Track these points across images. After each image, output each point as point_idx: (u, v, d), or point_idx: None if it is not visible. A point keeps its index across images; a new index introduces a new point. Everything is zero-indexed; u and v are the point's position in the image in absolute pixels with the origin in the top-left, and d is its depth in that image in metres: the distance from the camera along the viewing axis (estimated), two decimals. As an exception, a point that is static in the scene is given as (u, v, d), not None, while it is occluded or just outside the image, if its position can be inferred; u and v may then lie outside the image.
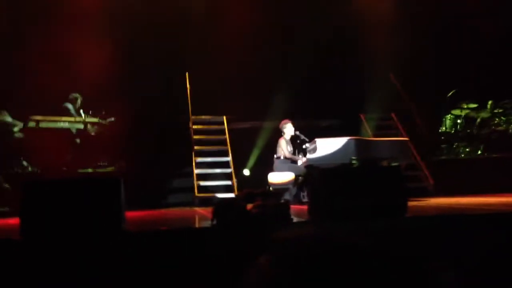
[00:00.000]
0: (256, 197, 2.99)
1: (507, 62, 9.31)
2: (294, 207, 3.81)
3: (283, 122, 7.68)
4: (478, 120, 9.39)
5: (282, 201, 3.67)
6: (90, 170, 8.68)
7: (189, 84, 9.21)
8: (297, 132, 7.50)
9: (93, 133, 9.10)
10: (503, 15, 9.83)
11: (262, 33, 9.20)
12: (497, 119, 9.31)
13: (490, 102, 9.41)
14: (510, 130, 9.22)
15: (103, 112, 9.03)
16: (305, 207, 4.95)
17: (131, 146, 8.53)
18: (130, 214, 4.21)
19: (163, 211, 7.36)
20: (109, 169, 8.78)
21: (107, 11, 8.99)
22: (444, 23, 9.91)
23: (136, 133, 8.65)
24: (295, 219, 3.44)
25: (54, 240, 3.34)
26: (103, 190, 3.88)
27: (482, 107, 9.46)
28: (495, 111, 9.36)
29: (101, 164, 8.87)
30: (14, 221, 4.01)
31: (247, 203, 2.86)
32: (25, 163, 8.36)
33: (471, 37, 9.69)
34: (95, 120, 9.08)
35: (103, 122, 9.11)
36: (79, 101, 9.06)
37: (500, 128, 9.24)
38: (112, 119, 9.07)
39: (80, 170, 8.53)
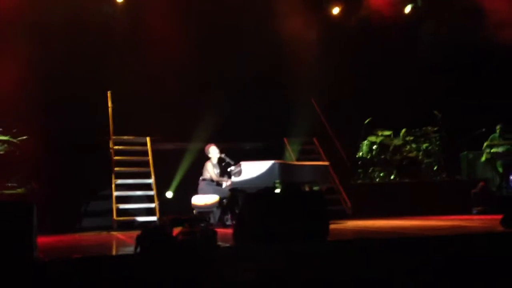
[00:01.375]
0: (183, 222, 2.91)
1: (420, 93, 10.08)
2: (218, 231, 3.76)
3: (207, 146, 7.69)
4: (391, 147, 9.99)
5: (209, 226, 3.61)
6: (-4, 191, 8.01)
7: (111, 103, 8.89)
8: (223, 155, 7.51)
9: (1, 152, 8.44)
10: (420, 48, 10.66)
11: (187, 53, 9.15)
12: (408, 146, 9.98)
13: (403, 130, 10.08)
14: (420, 157, 9.92)
15: (14, 130, 8.42)
16: (229, 230, 4.93)
17: (44, 166, 8.02)
18: (41, 240, 3.93)
19: (77, 236, 6.95)
20: (19, 190, 8.16)
21: (22, 24, 8.48)
22: (365, 53, 10.52)
23: (50, 153, 8.15)
24: (221, 245, 3.39)
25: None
26: (14, 216, 3.60)
27: (395, 134, 10.10)
28: (407, 138, 10.03)
29: (10, 185, 8.23)
30: None
31: (173, 229, 2.78)
32: None
33: (390, 68, 10.37)
34: (5, 138, 8.43)
35: (14, 140, 8.49)
36: None
37: (411, 154, 9.89)
38: (24, 137, 8.47)
39: (-14, 192, 7.84)
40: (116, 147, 8.64)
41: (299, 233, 3.95)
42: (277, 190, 6.02)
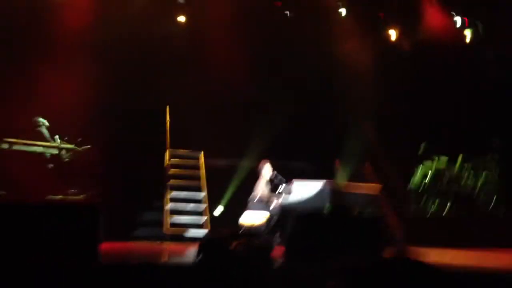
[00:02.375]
0: (241, 236, 2.99)
1: (479, 119, 9.76)
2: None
3: (261, 163, 7.73)
4: (447, 176, 9.66)
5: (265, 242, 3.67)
6: (59, 197, 8.45)
7: (169, 117, 9.23)
8: (275, 172, 7.55)
9: (66, 160, 8.93)
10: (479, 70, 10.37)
11: (244, 73, 9.38)
12: (465, 175, 9.59)
13: (460, 157, 9.72)
14: (478, 187, 9.49)
15: (79, 139, 8.89)
16: (279, 249, 4.96)
17: (104, 175, 8.40)
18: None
19: (133, 244, 7.20)
20: (80, 197, 8.58)
21: (88, 40, 9.00)
22: (423, 77, 10.35)
23: (110, 163, 8.54)
24: (276, 261, 3.45)
25: (26, 269, 3.22)
26: (81, 217, 3.78)
27: (452, 159, 9.76)
28: (464, 166, 9.66)
29: (72, 191, 8.66)
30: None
31: (232, 242, 2.87)
32: (-9, 184, 8.08)
33: (447, 90, 10.15)
34: (70, 146, 8.92)
35: (78, 149, 8.96)
36: (45, 124, 8.86)
37: (468, 184, 9.52)
38: (88, 146, 8.93)
39: (50, 197, 8.29)
40: (172, 159, 8.91)
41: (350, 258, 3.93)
42: (327, 213, 6.00)
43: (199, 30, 9.80)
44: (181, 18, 10.02)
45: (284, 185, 7.24)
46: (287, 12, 10.30)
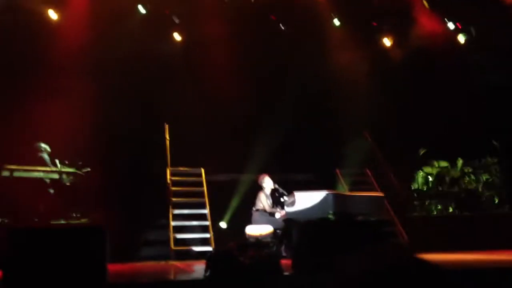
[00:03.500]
0: (249, 247, 3.00)
1: (476, 123, 9.82)
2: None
3: (261, 176, 7.76)
4: (448, 179, 9.70)
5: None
6: (62, 221, 8.42)
7: (168, 135, 9.26)
8: (276, 185, 7.57)
9: (67, 183, 8.91)
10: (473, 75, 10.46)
11: (241, 86, 9.45)
12: (467, 178, 9.64)
13: (460, 161, 9.78)
14: (479, 189, 9.53)
15: (80, 162, 8.90)
16: (286, 261, 4.95)
17: (106, 197, 8.38)
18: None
19: (138, 264, 7.17)
20: (83, 220, 8.55)
21: (86, 62, 9.07)
22: (420, 83, 10.42)
23: (111, 184, 8.54)
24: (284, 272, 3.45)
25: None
26: (88, 239, 3.81)
27: (452, 165, 9.81)
28: (465, 170, 9.71)
29: (75, 215, 8.63)
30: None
31: (240, 254, 2.87)
32: (-6, 213, 8.05)
33: (445, 97, 10.23)
34: (70, 170, 8.92)
35: (79, 172, 8.96)
36: (47, 150, 8.87)
37: (470, 187, 9.55)
38: (88, 169, 8.93)
39: (53, 222, 8.26)
40: (173, 178, 8.92)
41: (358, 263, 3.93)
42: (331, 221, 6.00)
43: (195, 47, 9.90)
44: (177, 37, 10.13)
45: (286, 197, 7.26)
46: (282, 26, 10.42)
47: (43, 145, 8.57)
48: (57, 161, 8.85)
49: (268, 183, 7.65)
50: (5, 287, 3.16)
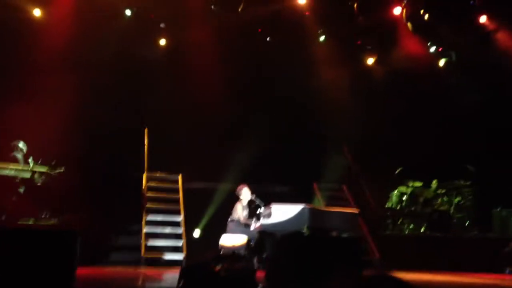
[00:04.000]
0: (224, 260, 2.96)
1: (453, 146, 10.01)
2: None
3: (239, 187, 7.71)
4: (422, 199, 9.85)
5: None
6: (31, 221, 8.19)
7: (148, 140, 9.16)
8: (253, 197, 7.54)
9: (39, 183, 8.69)
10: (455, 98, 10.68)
11: (224, 95, 9.46)
12: (439, 199, 9.80)
13: (434, 182, 9.94)
14: (451, 211, 9.71)
15: (53, 162, 8.70)
16: (259, 273, 4.92)
17: (78, 199, 8.21)
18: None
19: (107, 269, 7.02)
20: (52, 221, 8.34)
21: (67, 62, 8.94)
22: (399, 103, 10.59)
23: (85, 186, 8.38)
24: (259, 285, 3.42)
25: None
26: (58, 244, 3.69)
27: (426, 185, 9.97)
28: (438, 191, 9.88)
29: (44, 216, 8.41)
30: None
31: (216, 266, 2.83)
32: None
33: (424, 117, 10.42)
34: (43, 169, 8.71)
35: (52, 172, 8.75)
36: (24, 149, 8.68)
37: (442, 208, 9.72)
38: (62, 169, 8.73)
39: (21, 221, 8.03)
40: (149, 183, 8.81)
41: (331, 279, 3.93)
42: (306, 235, 6.00)
43: (179, 53, 9.86)
44: (162, 42, 10.08)
45: (262, 208, 7.24)
46: (268, 38, 10.49)
47: (21, 144, 8.37)
48: (30, 160, 8.64)
49: (245, 194, 7.61)
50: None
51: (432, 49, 11.08)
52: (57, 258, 3.47)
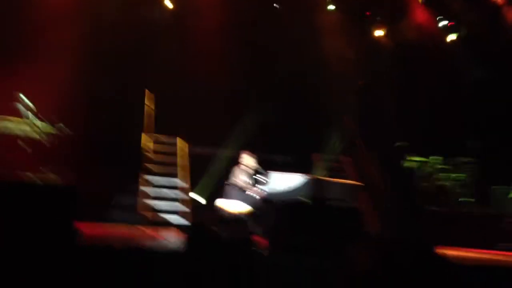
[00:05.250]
0: (227, 223, 2.96)
1: (457, 122, 9.95)
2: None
3: (244, 152, 7.64)
4: (421, 174, 9.85)
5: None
6: (30, 174, 8.18)
7: (150, 102, 9.10)
8: (255, 163, 7.48)
9: (40, 138, 8.64)
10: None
11: (229, 62, 9.33)
12: (439, 175, 9.81)
13: (434, 157, 9.91)
14: (448, 185, 9.72)
15: (54, 118, 8.63)
16: (261, 239, 4.94)
17: (78, 156, 8.22)
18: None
19: (105, 226, 7.06)
20: (52, 177, 8.34)
21: (73, 23, 8.77)
22: (405, 77, 10.47)
23: (86, 144, 8.38)
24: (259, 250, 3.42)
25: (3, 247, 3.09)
26: (58, 197, 3.68)
27: (427, 161, 9.94)
28: (438, 166, 9.86)
29: (43, 170, 8.41)
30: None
31: (218, 228, 2.82)
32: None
33: (430, 92, 10.32)
34: (46, 127, 8.64)
35: (53, 127, 8.69)
36: (26, 102, 8.59)
37: (441, 183, 9.73)
38: (61, 124, 8.66)
39: (19, 174, 8.02)
40: (149, 144, 8.79)
41: (333, 248, 3.94)
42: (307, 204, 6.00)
43: (186, 16, 9.68)
44: (168, 4, 9.87)
45: (263, 176, 7.20)
46: (276, 5, 10.28)
47: (22, 96, 8.28)
48: (29, 113, 8.56)
49: (247, 160, 7.55)
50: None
51: (442, 23, 10.88)
52: (58, 212, 3.46)
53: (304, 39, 10.07)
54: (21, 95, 8.22)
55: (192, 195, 8.87)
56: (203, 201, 8.81)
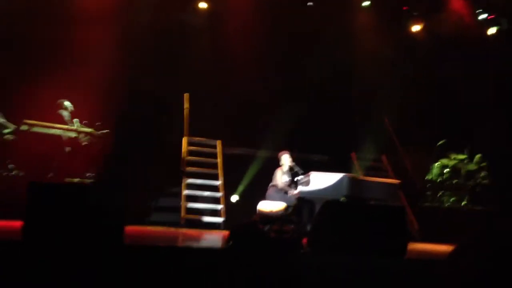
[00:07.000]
0: (273, 221, 2.99)
1: (498, 118, 9.64)
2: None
3: (280, 153, 7.70)
4: (464, 171, 9.60)
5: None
6: (77, 180, 8.49)
7: (189, 104, 9.24)
8: (293, 163, 7.51)
9: (84, 143, 8.94)
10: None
11: (265, 63, 9.37)
12: (482, 173, 9.53)
13: (477, 156, 9.65)
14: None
15: (98, 123, 8.92)
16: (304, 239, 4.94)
17: (120, 159, 8.44)
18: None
19: (148, 228, 7.24)
20: (94, 180, 8.60)
21: (112, 25, 9.01)
22: (444, 73, 10.23)
23: (128, 148, 8.59)
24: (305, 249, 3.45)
25: (56, 245, 3.25)
26: (109, 197, 3.83)
27: (470, 159, 9.69)
28: (482, 164, 9.59)
29: (89, 175, 8.70)
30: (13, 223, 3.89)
31: (264, 227, 2.86)
32: (10, 166, 8.13)
33: (470, 89, 10.05)
34: (88, 130, 8.95)
35: (97, 133, 8.98)
36: (69, 108, 8.92)
37: (485, 181, 9.45)
38: (107, 130, 8.95)
39: (67, 179, 8.33)
40: (189, 147, 8.93)
41: (376, 248, 3.92)
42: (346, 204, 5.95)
43: (220, 17, 9.77)
44: (203, 5, 10.00)
45: (302, 176, 7.21)
46: (310, 3, 10.24)
47: (66, 102, 8.60)
48: (75, 120, 8.88)
49: (286, 160, 7.59)
50: (25, 237, 3.19)
51: (482, 16, 10.55)
52: (106, 213, 3.60)
53: (340, 36, 9.99)
54: (65, 102, 8.55)
55: (234, 197, 8.95)
56: (243, 202, 8.87)
